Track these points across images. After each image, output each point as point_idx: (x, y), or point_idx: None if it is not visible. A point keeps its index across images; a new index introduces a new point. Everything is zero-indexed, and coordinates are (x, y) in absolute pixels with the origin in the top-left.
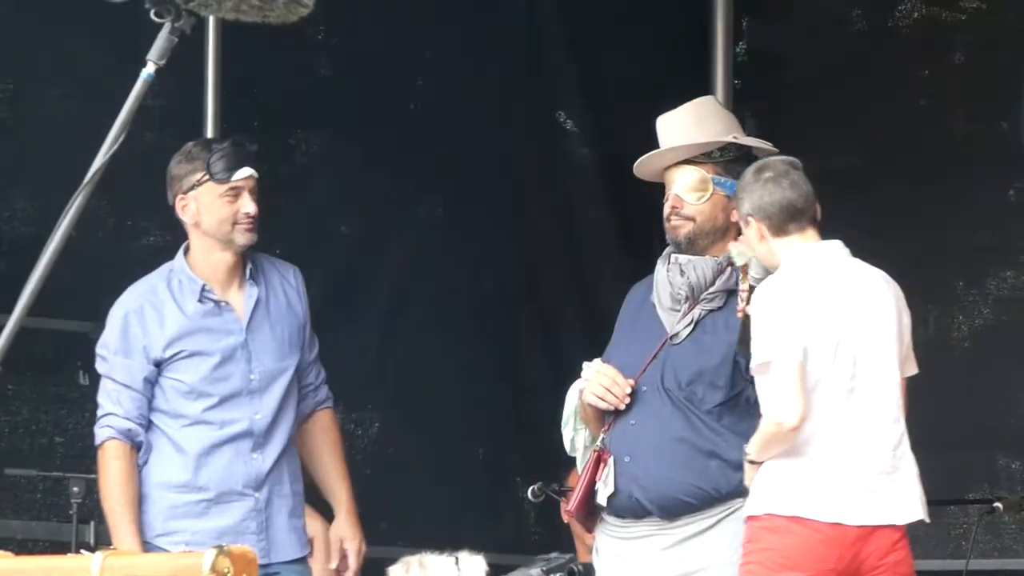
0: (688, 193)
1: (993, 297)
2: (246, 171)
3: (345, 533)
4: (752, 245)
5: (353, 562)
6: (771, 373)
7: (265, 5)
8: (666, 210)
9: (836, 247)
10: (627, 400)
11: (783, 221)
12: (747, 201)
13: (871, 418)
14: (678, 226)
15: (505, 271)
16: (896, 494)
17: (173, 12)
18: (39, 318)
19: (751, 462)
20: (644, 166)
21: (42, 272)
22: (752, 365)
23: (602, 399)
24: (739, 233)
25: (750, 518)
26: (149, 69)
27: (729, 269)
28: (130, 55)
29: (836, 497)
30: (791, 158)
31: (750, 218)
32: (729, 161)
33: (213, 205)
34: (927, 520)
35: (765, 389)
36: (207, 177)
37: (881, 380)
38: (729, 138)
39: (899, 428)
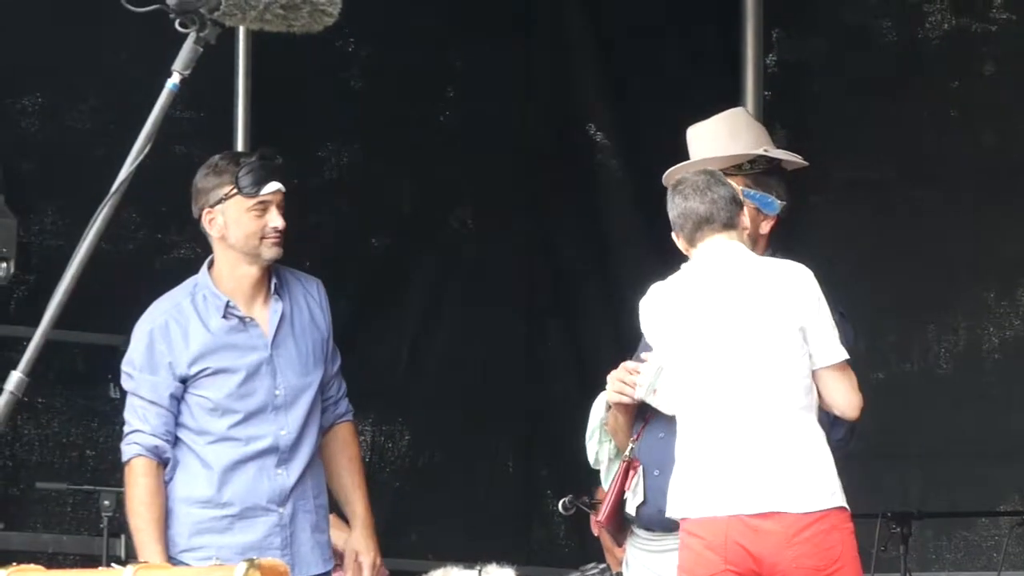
0: None
1: (1023, 308)
2: (274, 185)
3: (360, 546)
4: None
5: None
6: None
7: (290, 14)
8: None
9: (734, 246)
10: (643, 383)
11: (692, 231)
12: (670, 217)
13: (749, 408)
14: None
15: (534, 283)
16: (780, 483)
17: (198, 22)
18: (69, 331)
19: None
20: (671, 176)
21: (68, 284)
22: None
23: (622, 393)
24: (771, 248)
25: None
26: (174, 79)
27: None
28: (160, 67)
29: (706, 490)
30: (709, 168)
31: (674, 235)
32: (759, 173)
33: (241, 219)
34: (810, 509)
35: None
36: (235, 191)
37: (762, 370)
38: (761, 150)
39: (790, 417)
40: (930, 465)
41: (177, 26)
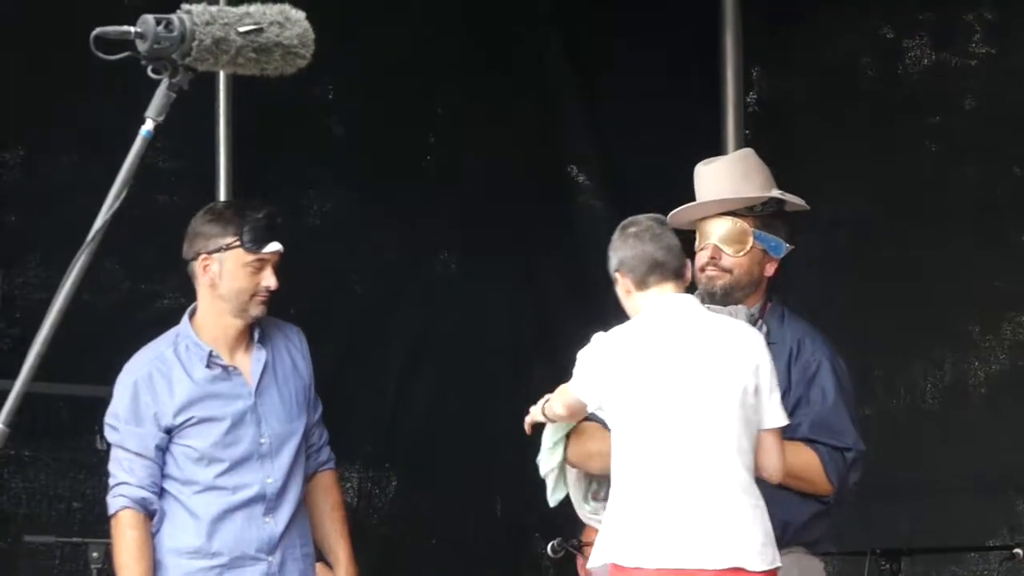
0: (727, 245)
1: (1009, 343)
2: (276, 245)
3: None
4: (622, 302)
5: None
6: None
7: (262, 58)
8: (702, 259)
9: (689, 301)
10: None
11: (644, 274)
12: (614, 257)
13: (699, 465)
14: (714, 277)
15: (520, 326)
16: (743, 540)
17: (170, 68)
18: (54, 383)
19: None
20: (681, 215)
21: (47, 334)
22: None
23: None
24: (769, 290)
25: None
26: (148, 126)
27: (760, 321)
28: (142, 117)
29: (664, 541)
30: (657, 215)
31: (617, 273)
32: (768, 216)
33: (237, 272)
34: (768, 567)
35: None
36: (238, 243)
37: (714, 430)
38: (775, 193)
39: (737, 476)
40: (919, 501)
41: (149, 72)
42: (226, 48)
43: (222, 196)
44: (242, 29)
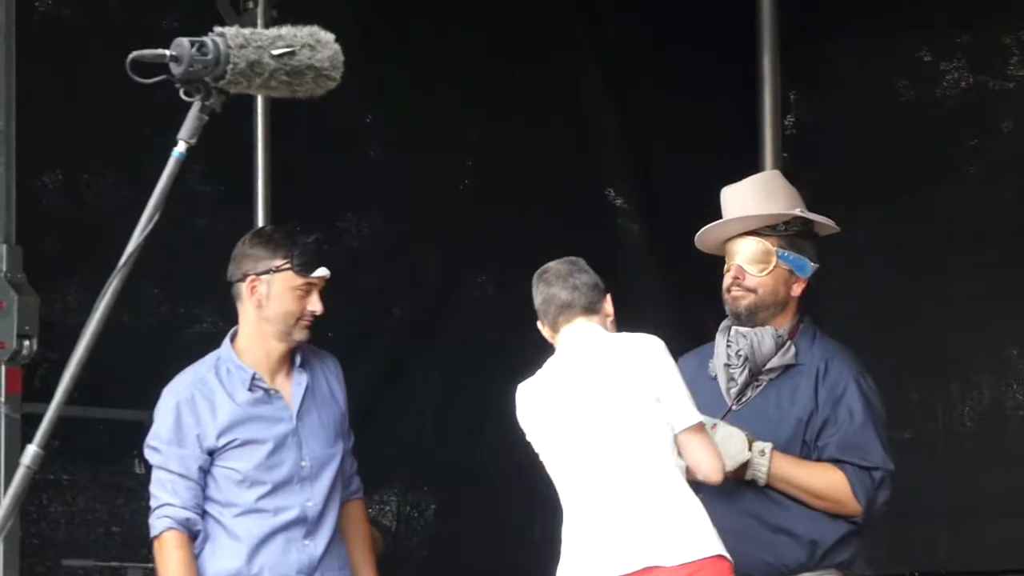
0: (751, 265)
1: None
2: (324, 271)
3: None
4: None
5: None
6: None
7: (294, 80)
8: (727, 280)
9: (590, 327)
10: None
11: (555, 316)
12: (535, 305)
13: (608, 478)
14: (739, 297)
15: None
16: (652, 538)
17: (203, 91)
18: (93, 407)
19: None
20: (706, 236)
21: (81, 357)
22: None
23: None
24: (801, 311)
25: None
26: (180, 148)
27: (789, 342)
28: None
29: (583, 559)
30: (571, 258)
31: (538, 323)
32: (793, 236)
33: (285, 296)
34: (686, 560)
35: None
36: (288, 266)
37: (625, 437)
38: (797, 212)
39: (657, 477)
40: (957, 523)
41: (182, 94)
42: (260, 71)
43: (260, 220)
44: (275, 52)
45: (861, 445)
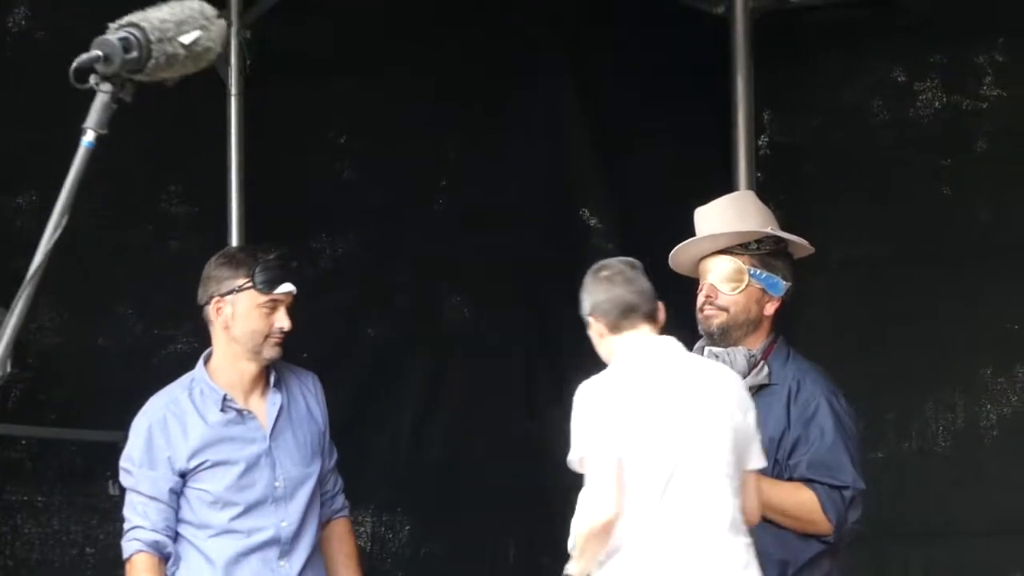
0: (723, 283)
1: (1021, 385)
2: (288, 286)
3: None
4: (596, 345)
5: None
6: (586, 468)
7: (193, 63)
8: (700, 299)
9: (670, 343)
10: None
11: (617, 318)
12: (587, 301)
13: (689, 514)
14: (711, 316)
15: (532, 371)
16: None
17: (119, 83)
18: (67, 428)
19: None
20: (679, 256)
21: None
22: (569, 459)
23: None
24: (775, 331)
25: None
26: (89, 137)
27: (763, 362)
28: (155, 160)
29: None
30: (630, 259)
31: (590, 317)
32: (766, 254)
33: (250, 314)
34: None
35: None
36: (250, 285)
37: (711, 471)
38: (768, 230)
39: (731, 516)
40: (931, 544)
41: (97, 87)
42: (173, 62)
43: (234, 241)
44: (185, 41)
45: (832, 464)
